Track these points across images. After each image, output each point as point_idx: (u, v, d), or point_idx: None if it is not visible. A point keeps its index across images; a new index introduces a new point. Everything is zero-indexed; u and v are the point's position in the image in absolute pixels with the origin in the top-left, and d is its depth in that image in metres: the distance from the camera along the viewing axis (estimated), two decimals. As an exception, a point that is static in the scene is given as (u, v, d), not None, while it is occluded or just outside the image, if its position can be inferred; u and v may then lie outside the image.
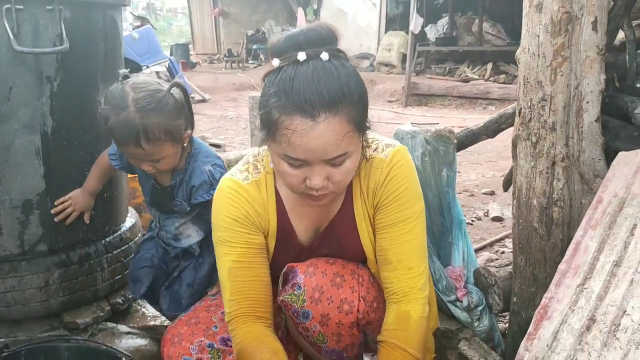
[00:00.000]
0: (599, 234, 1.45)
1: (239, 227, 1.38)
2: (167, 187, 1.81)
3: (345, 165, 1.22)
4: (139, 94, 1.61)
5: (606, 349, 1.26)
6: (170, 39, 22.98)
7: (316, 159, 1.18)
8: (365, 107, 1.23)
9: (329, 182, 1.22)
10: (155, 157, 1.67)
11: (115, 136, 1.64)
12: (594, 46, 1.58)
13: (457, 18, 12.12)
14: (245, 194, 1.39)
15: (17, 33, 1.76)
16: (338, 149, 1.17)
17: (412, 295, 1.36)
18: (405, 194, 1.36)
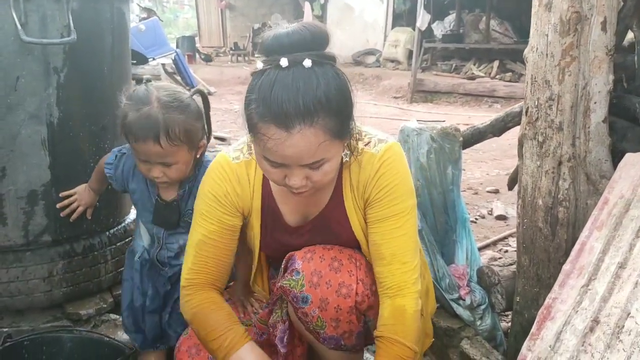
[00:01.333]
0: (605, 235, 1.45)
1: (217, 204, 1.43)
2: (173, 201, 1.73)
3: (324, 168, 1.24)
4: (162, 92, 1.59)
5: (609, 350, 1.25)
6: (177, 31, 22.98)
7: (292, 164, 1.21)
8: (346, 115, 1.24)
9: (308, 181, 1.25)
10: (169, 160, 1.59)
11: (134, 131, 1.56)
12: (602, 46, 1.57)
13: (465, 15, 12.09)
14: (230, 172, 1.43)
15: (25, 23, 1.76)
16: (313, 156, 1.20)
17: (406, 290, 1.37)
18: (396, 189, 1.37)
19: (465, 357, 1.84)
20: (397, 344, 1.34)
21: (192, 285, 1.45)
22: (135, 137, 1.56)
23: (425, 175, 2.08)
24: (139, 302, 1.82)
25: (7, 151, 1.84)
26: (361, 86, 11.34)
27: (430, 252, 2.02)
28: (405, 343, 1.34)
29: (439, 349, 1.98)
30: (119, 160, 1.78)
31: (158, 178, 1.62)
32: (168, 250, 1.79)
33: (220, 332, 1.37)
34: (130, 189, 1.78)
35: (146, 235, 1.83)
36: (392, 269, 1.38)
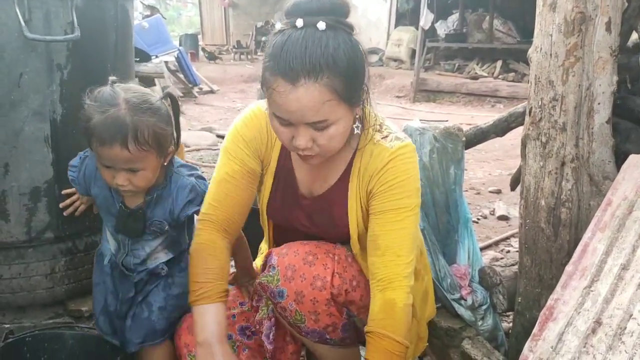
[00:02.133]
0: (607, 236, 1.44)
1: (243, 146, 1.49)
2: (139, 209, 1.61)
3: (329, 131, 1.26)
4: (131, 94, 1.48)
5: (611, 352, 1.25)
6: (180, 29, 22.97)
7: (297, 121, 1.24)
8: (355, 79, 1.27)
9: (313, 144, 1.28)
10: (136, 166, 1.48)
11: (99, 134, 1.43)
12: (607, 47, 1.57)
13: (468, 15, 12.07)
14: (262, 121, 1.49)
15: (29, 20, 1.76)
16: (317, 114, 1.22)
17: (397, 283, 1.37)
18: (401, 185, 1.39)
19: (467, 357, 1.84)
20: (386, 338, 1.34)
21: (205, 221, 1.50)
22: (101, 141, 1.44)
23: (427, 174, 2.08)
24: (112, 306, 1.72)
25: (10, 147, 1.84)
26: (364, 85, 11.32)
27: (432, 252, 2.02)
28: (394, 337, 1.33)
29: (440, 349, 1.98)
30: (83, 162, 1.67)
31: (123, 186, 1.51)
32: (134, 257, 1.67)
33: (203, 279, 1.42)
34: (93, 193, 1.67)
35: (112, 240, 1.71)
36: (385, 260, 1.38)
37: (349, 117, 1.31)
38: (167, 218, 1.62)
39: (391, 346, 1.33)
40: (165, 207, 1.62)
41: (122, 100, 1.45)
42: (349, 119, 1.31)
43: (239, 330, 1.59)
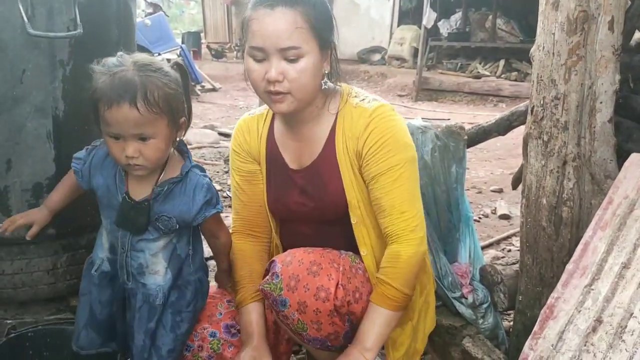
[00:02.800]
0: (608, 235, 1.45)
1: (235, 155, 1.66)
2: (144, 201, 1.49)
3: (300, 64, 1.37)
4: (139, 57, 1.42)
5: (612, 350, 1.25)
6: (182, 26, 22.94)
7: (271, 46, 1.35)
8: (325, 18, 1.42)
9: (285, 79, 1.37)
10: (147, 131, 1.38)
11: (107, 95, 1.35)
12: (609, 46, 1.57)
13: (471, 14, 12.04)
14: (244, 125, 1.65)
15: (32, 16, 1.76)
16: (290, 39, 1.34)
17: (403, 237, 1.46)
18: (387, 143, 1.45)
19: (467, 355, 1.84)
20: (385, 284, 1.44)
21: (235, 232, 1.67)
22: (109, 102, 1.34)
23: (429, 173, 2.08)
24: (103, 314, 1.61)
25: (12, 144, 1.84)
26: (366, 84, 11.33)
27: (434, 250, 2.02)
28: (392, 284, 1.43)
29: (440, 347, 1.98)
30: (89, 153, 1.57)
31: (133, 159, 1.39)
32: (132, 259, 1.55)
33: (240, 286, 1.60)
34: (94, 184, 1.54)
35: (107, 242, 1.59)
36: (392, 219, 1.46)
37: (318, 57, 1.41)
38: (177, 216, 1.50)
39: (389, 291, 1.44)
40: (178, 204, 1.50)
41: (130, 63, 1.39)
42: (318, 60, 1.41)
43: (224, 328, 1.59)
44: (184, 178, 1.50)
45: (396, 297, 1.44)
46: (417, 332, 1.62)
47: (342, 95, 1.52)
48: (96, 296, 1.61)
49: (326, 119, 1.52)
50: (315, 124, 1.52)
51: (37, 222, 1.63)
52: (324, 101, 1.51)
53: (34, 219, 1.63)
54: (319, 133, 1.53)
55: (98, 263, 1.60)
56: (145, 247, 1.53)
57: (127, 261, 1.55)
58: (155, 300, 1.54)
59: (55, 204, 1.66)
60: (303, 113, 1.49)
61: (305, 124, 1.53)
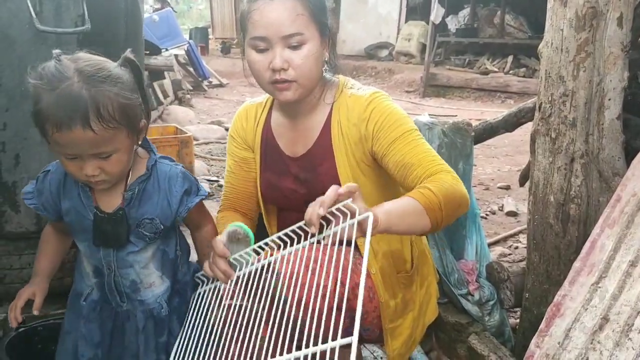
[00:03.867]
0: (616, 232, 1.44)
1: (232, 140, 1.69)
2: (118, 211, 1.36)
3: (303, 50, 1.38)
4: (82, 63, 1.22)
5: (618, 348, 1.25)
6: (190, 22, 22.98)
7: (273, 34, 1.36)
8: (322, 5, 1.44)
9: (289, 66, 1.38)
10: (106, 149, 1.23)
11: (53, 117, 1.17)
12: (618, 42, 1.56)
13: (479, 9, 12.00)
14: (244, 112, 1.68)
15: (40, 12, 1.77)
16: (292, 26, 1.36)
17: (444, 172, 1.37)
18: (392, 116, 1.45)
19: (473, 352, 1.84)
20: (424, 188, 1.31)
21: (222, 211, 1.68)
22: (57, 125, 1.17)
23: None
24: (87, 356, 1.46)
25: (20, 139, 1.85)
26: (373, 79, 11.31)
27: (440, 247, 2.02)
28: (432, 189, 1.30)
29: (446, 343, 1.98)
30: (42, 181, 1.41)
31: (95, 177, 1.26)
32: (122, 277, 1.42)
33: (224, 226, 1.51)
34: (63, 209, 1.39)
35: (90, 268, 1.45)
36: (424, 167, 1.38)
37: (319, 44, 1.42)
38: (159, 215, 1.39)
39: (425, 191, 1.30)
40: (156, 202, 1.39)
41: (74, 72, 1.19)
42: (320, 46, 1.43)
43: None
44: (152, 172, 1.39)
45: (431, 199, 1.29)
46: (418, 323, 1.62)
47: (338, 87, 1.55)
48: (84, 332, 1.46)
49: (322, 109, 1.54)
50: (312, 114, 1.55)
51: (38, 294, 1.51)
52: (322, 92, 1.54)
53: (32, 292, 1.51)
54: (315, 123, 1.55)
55: (87, 291, 1.46)
56: (133, 261, 1.42)
57: (118, 281, 1.42)
58: (161, 312, 1.46)
59: (46, 269, 1.54)
60: (303, 103, 1.51)
61: (302, 114, 1.55)
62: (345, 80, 1.57)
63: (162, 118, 6.64)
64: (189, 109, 7.56)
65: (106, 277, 1.42)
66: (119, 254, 1.40)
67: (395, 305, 1.56)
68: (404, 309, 1.58)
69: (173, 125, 4.03)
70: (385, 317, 1.53)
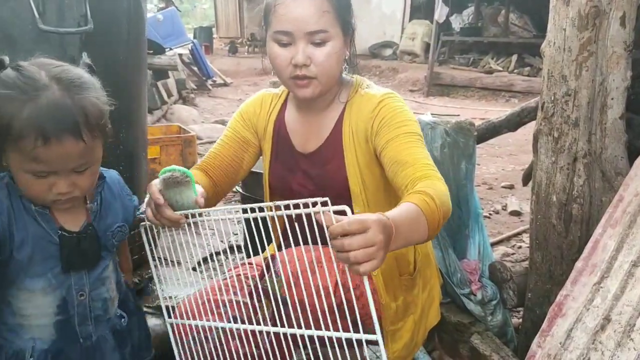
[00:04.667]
0: (619, 232, 1.43)
1: (240, 119, 1.66)
2: (87, 226, 1.24)
3: (327, 48, 1.38)
4: (54, 69, 1.11)
5: (620, 349, 1.24)
6: (194, 21, 23.03)
7: (298, 29, 1.36)
8: (347, 3, 1.43)
9: (311, 63, 1.38)
10: (89, 160, 1.14)
11: (40, 130, 1.05)
12: (621, 42, 1.55)
13: (483, 8, 11.97)
14: (259, 98, 1.67)
15: (43, 12, 1.77)
16: (318, 23, 1.36)
17: (434, 177, 1.32)
18: (399, 114, 1.44)
19: (476, 352, 1.83)
20: (419, 192, 1.26)
21: (195, 168, 1.59)
22: (44, 138, 1.05)
23: (438, 169, 2.07)
24: None
25: (24, 139, 1.86)
26: (377, 79, 11.30)
27: (442, 247, 2.02)
28: (427, 191, 1.24)
29: (449, 343, 1.98)
30: None
31: (66, 194, 1.14)
32: (94, 300, 1.27)
33: None
34: (16, 242, 1.15)
35: (51, 305, 1.22)
36: (416, 166, 1.34)
37: (342, 42, 1.42)
38: (127, 219, 1.33)
39: (422, 195, 1.24)
40: (117, 207, 1.31)
41: (50, 79, 1.09)
42: (342, 44, 1.42)
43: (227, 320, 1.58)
44: (104, 179, 1.30)
45: (428, 202, 1.23)
46: (419, 326, 1.62)
47: (353, 86, 1.54)
48: None
49: (335, 107, 1.54)
50: (325, 112, 1.55)
51: None
52: (338, 90, 1.54)
53: None
54: (328, 121, 1.55)
55: (30, 346, 1.22)
56: (105, 277, 1.30)
57: (92, 305, 1.27)
58: (122, 323, 1.36)
59: None
60: (319, 100, 1.51)
61: (316, 111, 1.55)
62: (361, 80, 1.57)
63: (166, 117, 6.66)
64: (193, 108, 7.58)
65: (76, 307, 1.24)
66: (92, 274, 1.26)
67: (397, 308, 1.56)
68: (405, 311, 1.57)
69: (176, 125, 4.05)
70: (386, 319, 1.53)
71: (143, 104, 2.29)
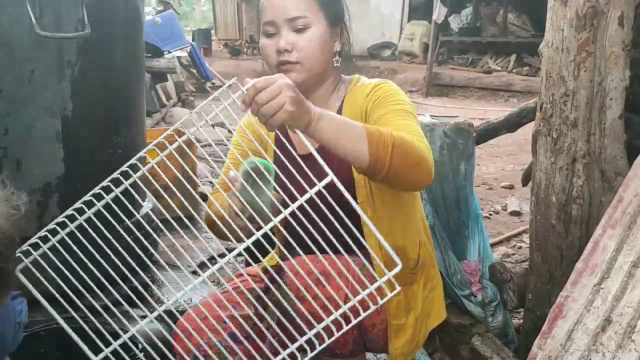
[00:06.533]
0: (618, 233, 1.43)
1: (242, 131, 1.64)
2: None
3: (308, 33, 1.42)
4: None
5: (621, 350, 1.24)
6: (193, 24, 23.03)
7: (280, 18, 1.41)
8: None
9: (293, 49, 1.41)
10: None
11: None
12: (619, 42, 1.55)
13: (482, 8, 11.97)
14: None
15: (40, 17, 1.77)
16: (297, 9, 1.40)
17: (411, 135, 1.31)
18: (392, 96, 1.45)
19: (476, 353, 1.83)
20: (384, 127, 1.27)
21: (216, 191, 1.58)
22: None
23: (437, 171, 2.05)
24: None
25: (21, 144, 1.85)
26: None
27: (442, 248, 2.01)
28: (390, 129, 1.25)
29: (449, 345, 1.97)
30: None
31: None
32: None
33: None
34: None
35: None
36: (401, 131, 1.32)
37: (327, 30, 1.44)
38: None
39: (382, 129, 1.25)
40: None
41: None
42: (327, 33, 1.44)
43: (229, 336, 1.58)
44: None
45: (383, 134, 1.24)
46: (421, 325, 1.62)
47: (351, 82, 1.57)
48: None
49: (334, 103, 1.55)
50: (324, 108, 1.53)
51: None
52: (335, 87, 1.56)
53: None
54: None
55: None
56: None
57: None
58: None
59: None
60: (313, 95, 1.51)
61: None
62: (358, 77, 1.60)
63: (165, 120, 6.65)
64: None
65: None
66: None
67: (399, 302, 1.55)
68: (406, 305, 1.57)
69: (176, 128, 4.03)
70: (389, 312, 1.53)
71: (142, 107, 2.29)
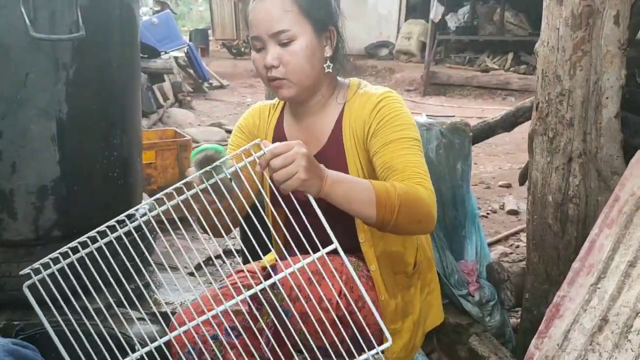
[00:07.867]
0: (615, 232, 1.43)
1: (239, 133, 1.65)
2: None
3: (293, 47, 1.39)
4: None
5: (617, 350, 1.24)
6: (190, 24, 22.97)
7: (265, 33, 1.39)
8: (314, 1, 1.42)
9: (280, 64, 1.40)
10: None
11: None
12: (615, 40, 1.55)
13: (479, 7, 11.96)
14: (257, 109, 1.67)
15: (34, 19, 1.76)
16: (279, 23, 1.38)
17: (420, 186, 1.32)
18: (398, 117, 1.43)
19: (474, 353, 1.83)
20: (390, 183, 1.30)
21: None
22: None
23: (434, 170, 2.06)
24: None
25: (17, 147, 1.85)
26: (374, 79, 11.29)
27: (439, 248, 2.01)
28: (396, 186, 1.28)
29: (447, 345, 1.97)
30: None
31: None
32: None
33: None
34: None
35: None
36: (405, 174, 1.35)
37: (313, 40, 1.42)
38: None
39: (387, 185, 1.28)
40: None
41: None
42: (314, 42, 1.42)
43: (225, 330, 1.58)
44: None
45: (387, 187, 1.27)
46: (418, 328, 1.61)
47: (351, 87, 1.54)
48: None
49: (333, 109, 1.53)
50: (322, 115, 1.53)
51: None
52: (332, 92, 1.53)
53: None
54: (326, 124, 1.53)
55: None
56: None
57: None
58: None
59: None
60: (309, 103, 1.50)
61: (312, 115, 1.54)
62: (358, 81, 1.57)
63: (163, 121, 6.64)
64: (189, 111, 7.56)
65: None
66: None
67: (396, 306, 1.55)
68: (404, 309, 1.57)
69: (172, 129, 4.03)
70: (385, 317, 1.53)
71: (137, 109, 2.28)
